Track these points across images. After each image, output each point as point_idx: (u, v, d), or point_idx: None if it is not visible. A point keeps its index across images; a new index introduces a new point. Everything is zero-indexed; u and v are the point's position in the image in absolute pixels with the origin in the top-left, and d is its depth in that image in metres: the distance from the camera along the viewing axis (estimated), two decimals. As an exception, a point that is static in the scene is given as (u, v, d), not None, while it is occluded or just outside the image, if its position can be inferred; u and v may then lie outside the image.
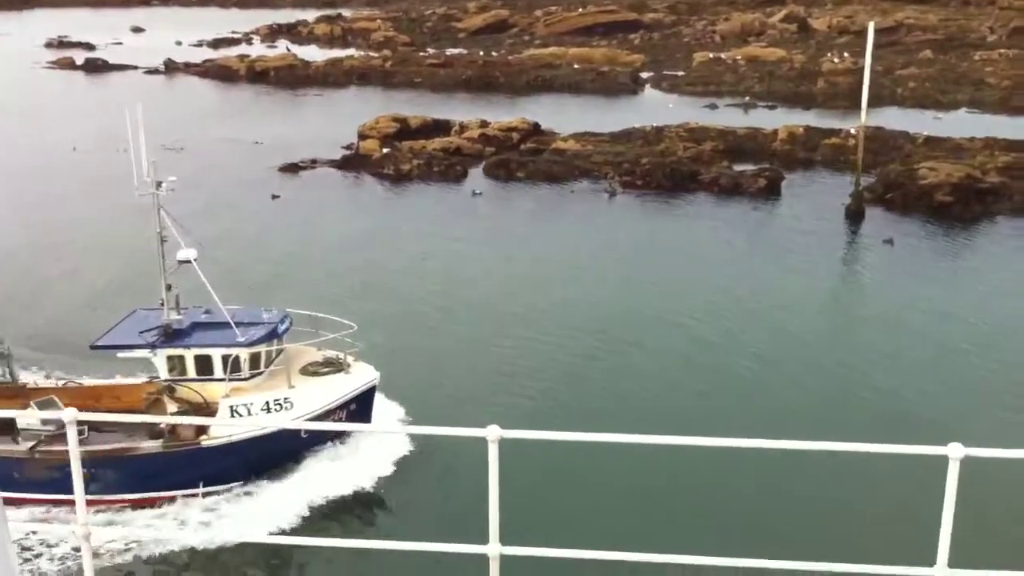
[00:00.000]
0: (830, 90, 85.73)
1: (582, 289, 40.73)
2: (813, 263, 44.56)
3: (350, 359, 27.61)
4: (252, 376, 26.88)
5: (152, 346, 26.80)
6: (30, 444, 25.73)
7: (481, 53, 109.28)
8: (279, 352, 27.61)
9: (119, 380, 29.57)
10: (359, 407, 27.47)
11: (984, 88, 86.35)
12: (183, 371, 26.97)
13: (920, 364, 33.34)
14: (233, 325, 26.84)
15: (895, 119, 71.36)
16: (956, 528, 5.92)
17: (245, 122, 76.56)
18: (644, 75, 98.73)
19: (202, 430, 26.14)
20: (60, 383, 29.63)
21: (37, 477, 25.23)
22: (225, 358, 26.64)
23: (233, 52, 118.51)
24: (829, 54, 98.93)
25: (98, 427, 26.28)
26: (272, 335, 27.40)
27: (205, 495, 26.16)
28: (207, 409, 26.27)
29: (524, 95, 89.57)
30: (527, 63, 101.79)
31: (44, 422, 25.44)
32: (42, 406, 26.23)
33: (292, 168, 61.98)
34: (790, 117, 73.47)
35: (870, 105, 53.65)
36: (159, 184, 26.58)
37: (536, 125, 69.85)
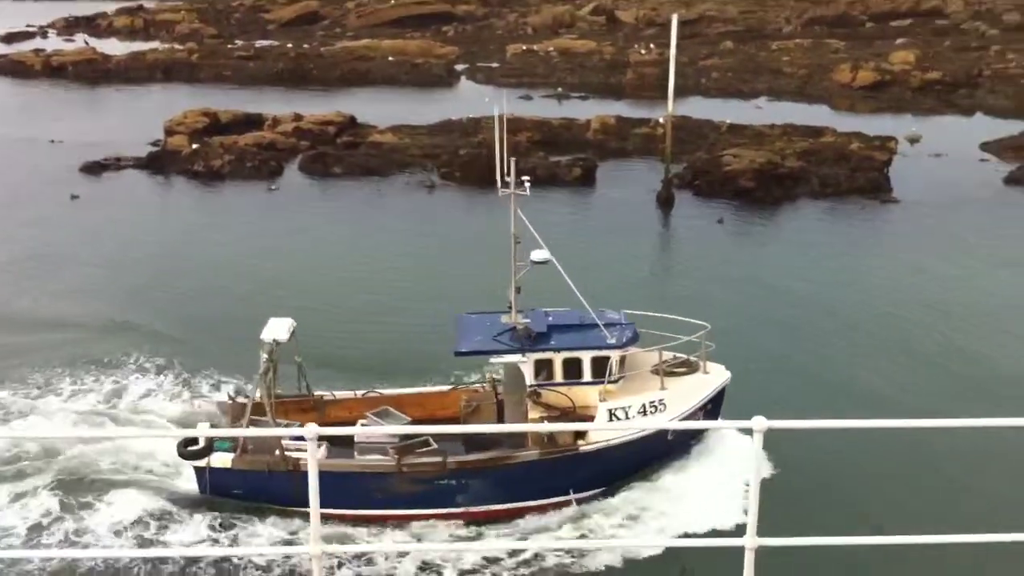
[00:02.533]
0: (639, 81, 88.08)
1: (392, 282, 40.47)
2: (633, 246, 45.70)
3: (697, 359, 26.59)
4: (618, 379, 25.55)
5: (522, 350, 25.26)
6: (395, 456, 24.34)
7: (290, 45, 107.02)
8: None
9: (425, 389, 28.09)
10: (713, 407, 26.47)
11: (781, 77, 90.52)
12: (550, 375, 25.43)
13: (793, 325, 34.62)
14: (602, 327, 25.50)
15: (701, 108, 73.95)
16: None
17: (42, 120, 72.45)
18: (459, 67, 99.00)
19: (580, 436, 25.10)
20: (359, 394, 27.68)
21: (404, 492, 24.28)
22: (595, 360, 25.30)
23: (27, 46, 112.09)
24: (637, 46, 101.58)
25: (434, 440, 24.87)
26: (635, 336, 26.04)
27: (578, 502, 24.99)
28: (576, 414, 24.97)
29: (339, 88, 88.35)
30: (340, 55, 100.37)
31: (404, 437, 24.34)
32: (380, 416, 25.21)
33: (94, 167, 59.07)
34: (602, 107, 75.03)
35: (677, 95, 55.35)
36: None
37: (352, 118, 68.96)
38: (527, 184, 26.10)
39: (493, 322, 26.27)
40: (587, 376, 25.36)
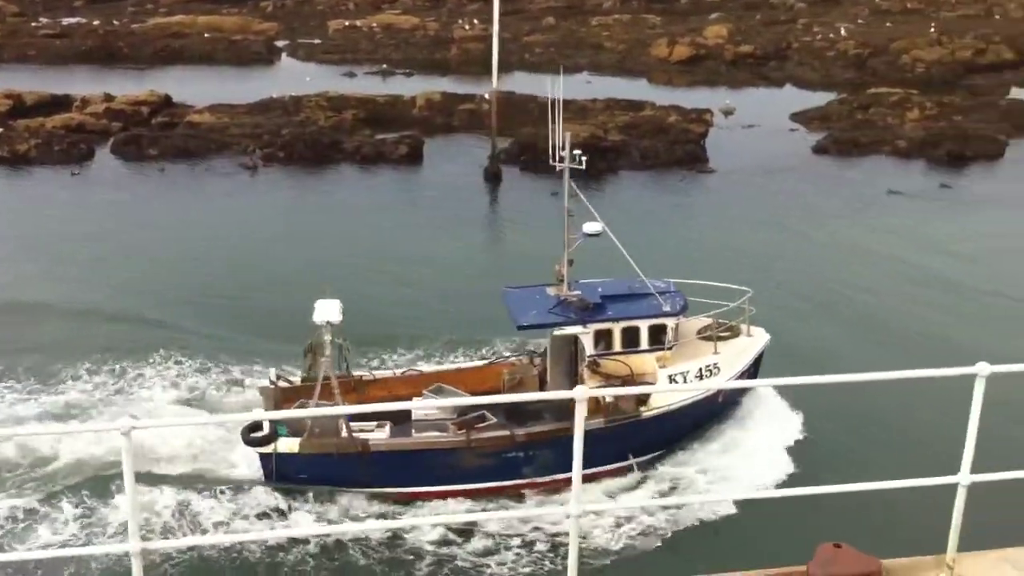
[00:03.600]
0: (463, 56, 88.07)
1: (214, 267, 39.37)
2: (462, 222, 45.76)
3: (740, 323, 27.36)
4: (672, 346, 26.03)
5: (583, 321, 25.67)
6: (463, 432, 24.64)
7: (98, 22, 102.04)
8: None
9: (464, 365, 28.75)
10: (754, 368, 27.28)
11: (602, 52, 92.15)
12: (609, 344, 25.81)
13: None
14: (657, 295, 26.10)
15: (525, 83, 74.51)
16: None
17: None
18: (279, 43, 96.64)
19: (642, 402, 25.67)
20: (398, 372, 28.00)
21: (472, 466, 24.45)
22: (652, 328, 25.88)
23: None
24: (460, 21, 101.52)
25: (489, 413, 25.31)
26: (686, 304, 26.59)
27: (638, 466, 25.69)
28: (634, 381, 25.18)
29: (152, 66, 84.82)
30: (153, 32, 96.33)
31: (446, 410, 24.75)
32: (435, 393, 25.22)
33: None
34: (427, 84, 74.67)
35: (501, 70, 55.66)
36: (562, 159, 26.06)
37: (168, 98, 66.38)
38: (583, 159, 26.81)
39: (542, 295, 26.67)
40: (644, 344, 25.96)
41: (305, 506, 24.00)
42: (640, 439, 25.82)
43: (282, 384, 26.14)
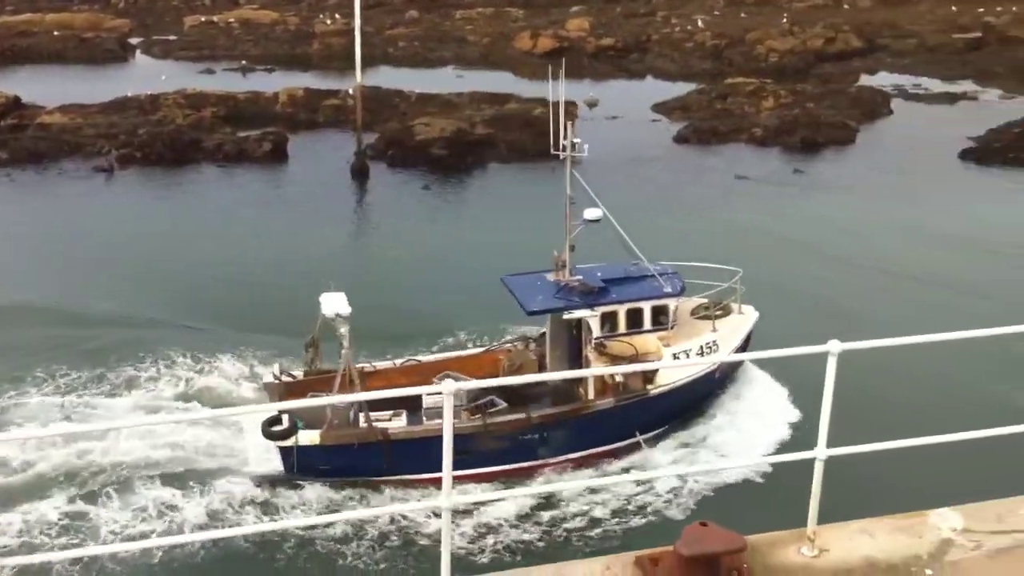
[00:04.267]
0: (326, 51, 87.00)
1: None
2: (330, 220, 45.12)
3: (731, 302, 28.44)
4: (673, 325, 27.03)
5: (590, 304, 26.41)
6: (476, 417, 25.13)
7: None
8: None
9: (461, 353, 29.05)
10: (745, 344, 28.10)
11: (466, 45, 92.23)
12: (614, 326, 26.63)
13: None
14: (663, 276, 27.06)
15: (390, 78, 74.08)
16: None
17: None
18: (133, 41, 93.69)
19: (648, 380, 26.34)
20: (397, 363, 28.02)
21: (489, 449, 24.78)
22: (655, 309, 26.86)
23: None
24: (321, 15, 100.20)
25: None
26: (684, 285, 27.51)
27: (645, 443, 26.25)
28: (639, 361, 25.77)
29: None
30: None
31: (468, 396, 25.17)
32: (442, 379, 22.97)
33: None
34: (289, 80, 73.48)
35: (365, 65, 55.13)
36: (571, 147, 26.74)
37: (16, 99, 63.47)
38: (585, 147, 27.39)
39: (543, 281, 27.39)
40: (647, 325, 26.86)
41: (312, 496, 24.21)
42: (647, 416, 26.54)
43: (285, 379, 26.36)
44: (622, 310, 26.69)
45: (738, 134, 60.60)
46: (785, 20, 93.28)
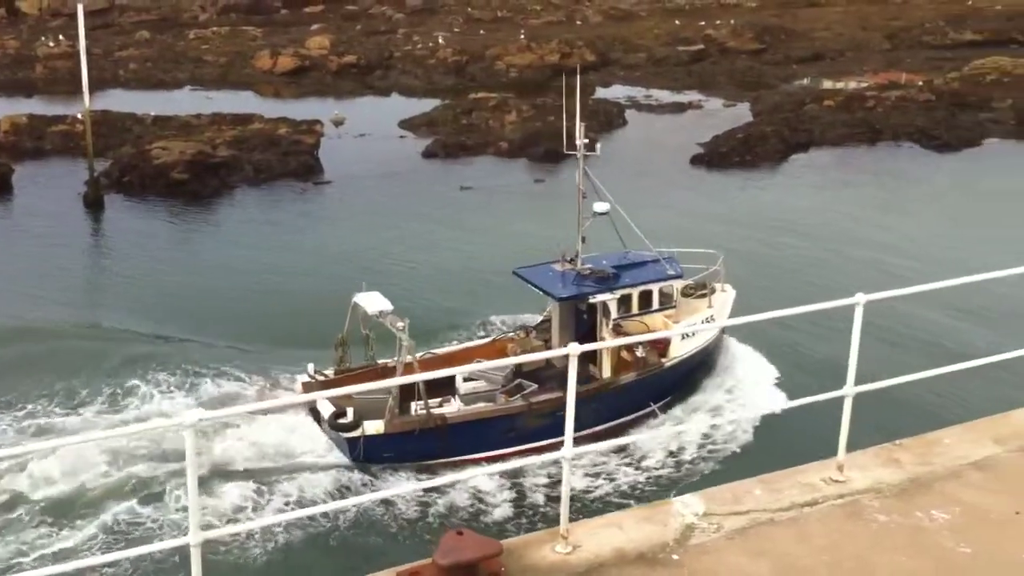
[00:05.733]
0: (50, 75, 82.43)
1: None
2: (61, 256, 42.49)
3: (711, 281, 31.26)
4: (675, 304, 29.89)
5: (610, 288, 28.92)
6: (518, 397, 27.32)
7: None
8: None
9: (472, 343, 30.70)
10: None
11: (203, 65, 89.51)
12: (628, 308, 29.08)
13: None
14: (663, 261, 29.92)
15: (123, 101, 70.82)
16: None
17: None
18: None
19: (663, 355, 29.09)
20: (418, 356, 27.61)
21: (531, 427, 26.47)
22: (662, 291, 29.66)
23: None
24: (44, 38, 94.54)
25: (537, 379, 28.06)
26: (681, 268, 30.34)
27: (660, 410, 28.34)
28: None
29: None
30: None
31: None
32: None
33: None
34: (12, 106, 68.86)
35: (95, 88, 52.57)
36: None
37: None
38: (598, 146, 31.87)
39: (554, 272, 29.82)
40: (655, 305, 29.64)
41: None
42: (661, 387, 29.12)
43: (320, 378, 27.76)
44: (635, 293, 29.46)
45: (485, 148, 61.74)
46: (523, 36, 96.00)
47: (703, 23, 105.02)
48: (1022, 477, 8.20)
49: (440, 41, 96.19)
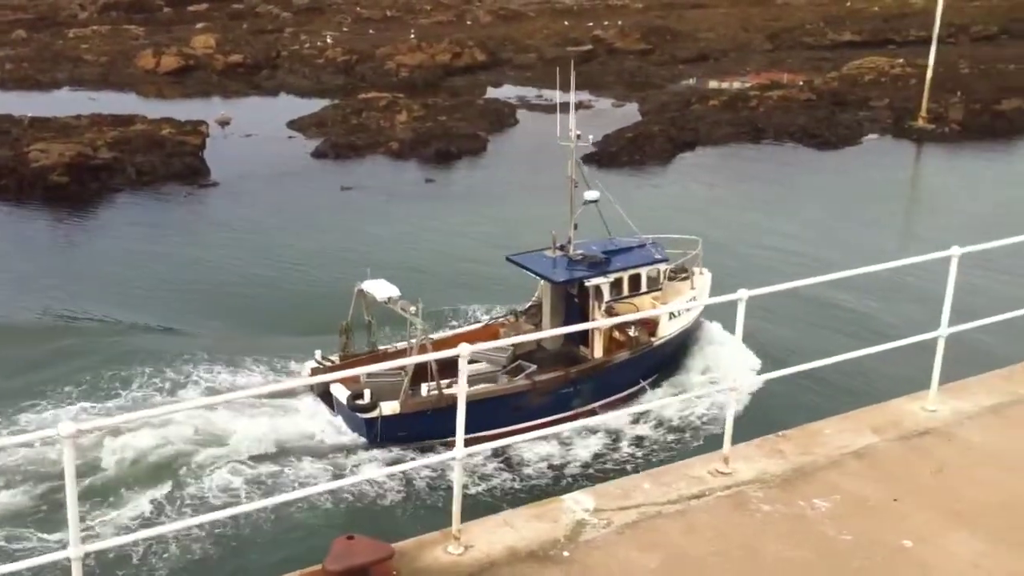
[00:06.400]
0: (-82, 75, 78.77)
1: None
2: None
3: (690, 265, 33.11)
4: (661, 287, 31.49)
5: (604, 272, 30.16)
6: (523, 376, 28.43)
7: None
8: None
9: (466, 328, 31.56)
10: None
11: (83, 65, 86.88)
12: (619, 291, 30.47)
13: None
14: (649, 246, 31.50)
15: (-3, 102, 68.31)
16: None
17: None
18: None
19: (652, 334, 30.55)
20: (412, 342, 28.73)
21: (535, 404, 27.56)
22: (650, 274, 31.13)
23: None
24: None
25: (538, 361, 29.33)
26: (666, 253, 31.94)
27: (649, 386, 29.83)
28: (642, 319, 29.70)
29: None
30: None
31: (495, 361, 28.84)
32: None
33: None
34: None
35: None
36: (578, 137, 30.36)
37: None
38: (591, 138, 33.10)
39: (547, 258, 30.77)
40: (644, 288, 31.02)
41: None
42: (651, 364, 30.63)
43: (326, 364, 28.39)
44: (626, 276, 30.82)
45: (375, 148, 61.28)
46: (413, 36, 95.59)
47: (591, 24, 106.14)
48: (899, 465, 8.50)
49: (328, 40, 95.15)
